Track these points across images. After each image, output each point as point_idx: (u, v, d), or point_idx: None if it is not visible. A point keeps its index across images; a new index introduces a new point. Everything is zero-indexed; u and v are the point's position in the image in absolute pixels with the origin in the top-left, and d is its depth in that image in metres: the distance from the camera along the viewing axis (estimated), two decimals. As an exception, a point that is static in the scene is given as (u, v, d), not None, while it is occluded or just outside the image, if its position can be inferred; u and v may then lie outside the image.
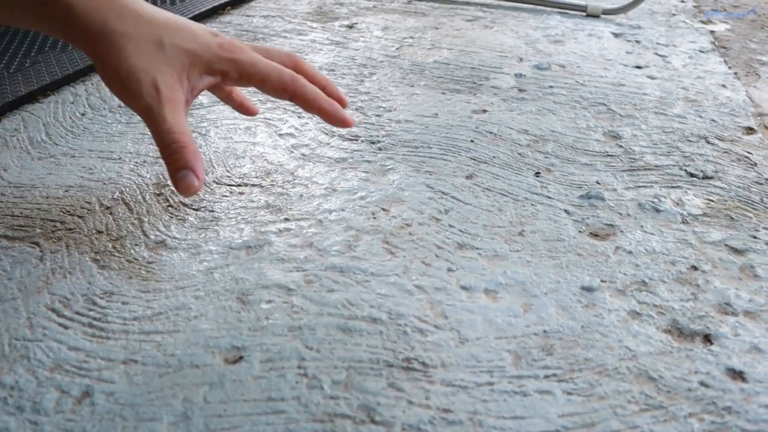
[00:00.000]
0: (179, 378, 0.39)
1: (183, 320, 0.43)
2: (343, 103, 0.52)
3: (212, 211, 0.54)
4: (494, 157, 0.64)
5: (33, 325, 0.43)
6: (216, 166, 0.61)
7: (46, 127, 0.68)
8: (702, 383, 0.40)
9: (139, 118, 0.69)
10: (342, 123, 0.49)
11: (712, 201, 0.58)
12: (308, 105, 0.48)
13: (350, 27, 0.99)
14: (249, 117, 0.70)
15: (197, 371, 0.39)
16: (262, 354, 0.41)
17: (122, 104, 0.72)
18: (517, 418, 0.37)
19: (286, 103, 0.73)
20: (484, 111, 0.73)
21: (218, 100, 0.74)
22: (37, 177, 0.59)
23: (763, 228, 0.55)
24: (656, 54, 0.92)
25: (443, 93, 0.77)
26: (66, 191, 0.57)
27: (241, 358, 0.40)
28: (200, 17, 0.99)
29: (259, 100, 0.74)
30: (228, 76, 0.47)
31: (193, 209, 0.54)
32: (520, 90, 0.78)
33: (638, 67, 0.87)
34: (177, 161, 0.43)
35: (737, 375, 0.41)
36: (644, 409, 0.38)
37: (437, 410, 0.37)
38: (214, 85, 0.48)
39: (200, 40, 0.46)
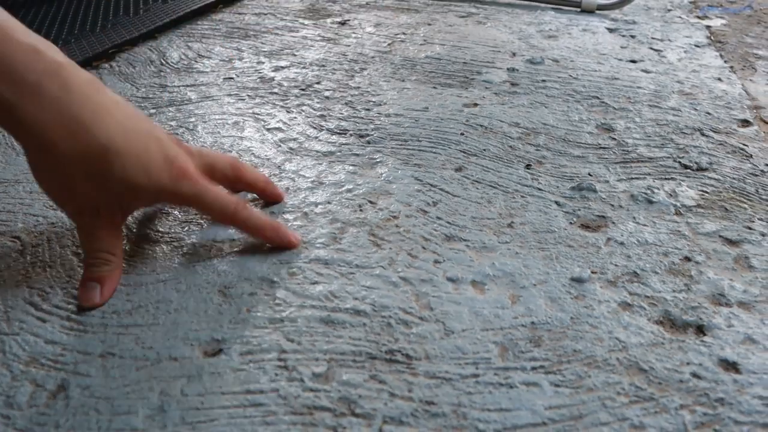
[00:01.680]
0: (157, 371, 0.38)
1: (163, 313, 0.42)
2: (280, 199, 0.54)
3: (197, 204, 0.53)
4: (484, 149, 0.63)
5: (10, 318, 0.42)
6: (202, 161, 0.60)
7: (33, 123, 0.67)
8: (694, 374, 0.39)
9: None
10: (288, 246, 0.48)
11: (706, 192, 0.57)
12: (252, 234, 0.49)
13: (342, 24, 0.98)
14: (238, 112, 0.69)
15: (175, 364, 0.38)
16: (242, 346, 0.40)
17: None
18: (503, 411, 0.36)
19: (274, 98, 0.73)
20: (476, 105, 0.72)
21: (207, 95, 0.73)
22: (21, 172, 0.58)
23: (758, 219, 0.54)
24: (651, 48, 0.92)
25: (434, 87, 0.76)
26: (50, 186, 0.56)
27: (220, 350, 0.39)
28: (193, 15, 0.99)
29: (248, 95, 0.73)
30: (173, 204, 0.51)
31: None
32: (513, 84, 0.78)
33: (633, 62, 0.86)
34: (93, 273, 0.44)
35: (731, 366, 0.40)
36: (634, 400, 0.37)
37: (420, 402, 0.36)
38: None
39: (153, 172, 0.43)
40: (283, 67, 0.81)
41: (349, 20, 1.00)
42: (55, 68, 0.40)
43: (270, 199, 0.53)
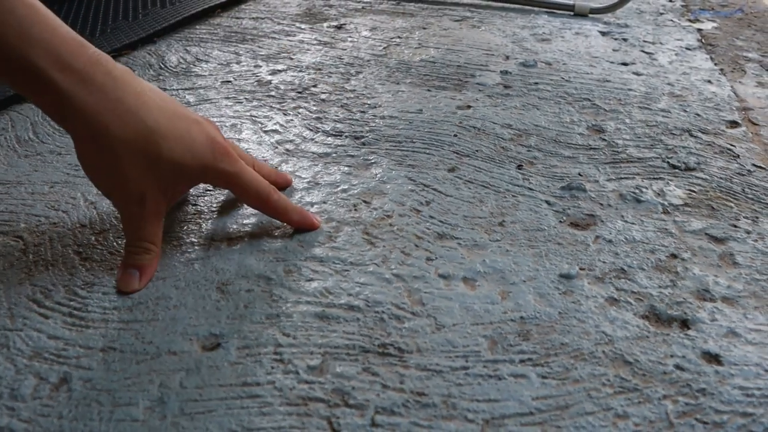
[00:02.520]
0: (156, 364, 0.39)
1: (162, 309, 0.43)
2: (289, 184, 0.58)
3: (195, 204, 0.55)
4: (477, 150, 0.64)
5: (14, 315, 0.43)
6: (201, 162, 0.61)
7: (34, 126, 0.68)
8: (677, 366, 0.40)
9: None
10: (311, 227, 0.52)
11: (693, 192, 0.59)
12: (280, 217, 0.51)
13: (339, 28, 1.00)
14: (236, 114, 0.70)
15: (174, 358, 0.40)
16: (239, 341, 0.41)
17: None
18: (491, 401, 0.37)
19: (271, 101, 0.74)
20: (469, 107, 0.73)
21: (205, 98, 0.75)
22: (23, 174, 0.59)
23: (743, 217, 0.55)
24: (643, 51, 0.93)
25: (428, 90, 0.77)
26: (51, 187, 0.57)
27: (218, 345, 0.41)
28: (191, 19, 1.00)
29: (246, 98, 0.75)
30: (215, 184, 0.51)
31: (176, 203, 0.55)
32: (506, 86, 0.79)
33: (624, 64, 0.88)
34: (134, 260, 0.46)
35: (713, 358, 0.41)
36: (619, 391, 0.38)
37: (411, 394, 0.38)
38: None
39: (197, 151, 0.46)
40: (280, 71, 0.82)
41: (345, 24, 1.02)
42: (97, 58, 0.43)
43: (281, 186, 0.57)
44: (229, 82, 0.79)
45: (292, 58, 0.87)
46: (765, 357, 0.41)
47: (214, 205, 0.55)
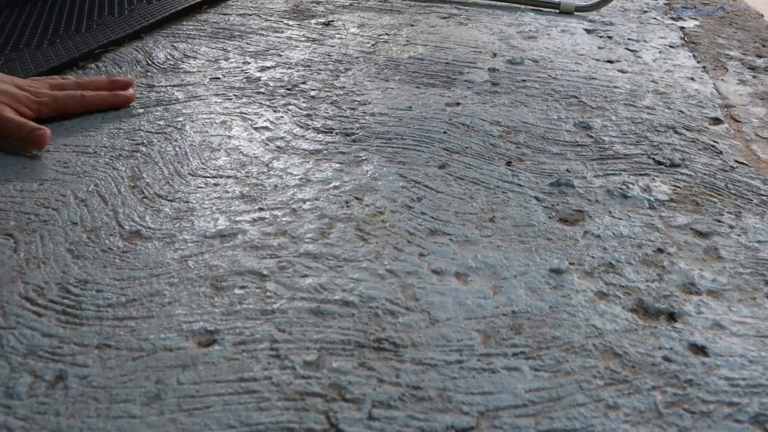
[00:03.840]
0: (152, 361, 0.39)
1: (157, 306, 0.44)
2: (130, 83, 0.74)
3: (187, 201, 0.55)
4: (467, 147, 0.65)
5: (6, 313, 0.43)
6: (191, 159, 0.61)
7: (21, 123, 0.67)
8: (665, 358, 0.41)
9: (114, 113, 0.70)
10: (125, 103, 0.71)
11: (678, 187, 0.60)
12: (101, 106, 0.70)
13: (327, 24, 1.00)
14: (225, 111, 0.70)
15: (170, 354, 0.40)
16: (234, 337, 0.41)
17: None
18: (485, 394, 0.38)
19: (260, 98, 0.74)
20: (458, 104, 0.74)
21: (194, 95, 0.74)
22: (12, 171, 0.59)
23: (727, 212, 0.56)
24: (627, 49, 0.94)
25: (417, 87, 0.78)
26: (41, 185, 0.57)
27: (214, 341, 0.41)
28: (178, 15, 0.99)
29: (235, 95, 0.75)
30: (41, 112, 0.66)
31: (168, 200, 0.55)
32: (494, 84, 0.80)
33: (609, 62, 0.89)
34: (26, 130, 0.61)
35: (699, 350, 0.42)
36: (609, 383, 0.39)
37: (407, 387, 0.38)
38: (33, 117, 0.65)
39: (15, 90, 0.65)
40: (269, 68, 0.82)
41: (333, 21, 1.02)
42: None
43: (122, 86, 0.73)
44: (218, 78, 0.79)
45: (280, 55, 0.87)
46: (749, 348, 0.42)
47: (206, 203, 0.55)
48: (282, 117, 0.70)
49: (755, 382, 0.40)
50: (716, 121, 0.73)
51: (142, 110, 0.71)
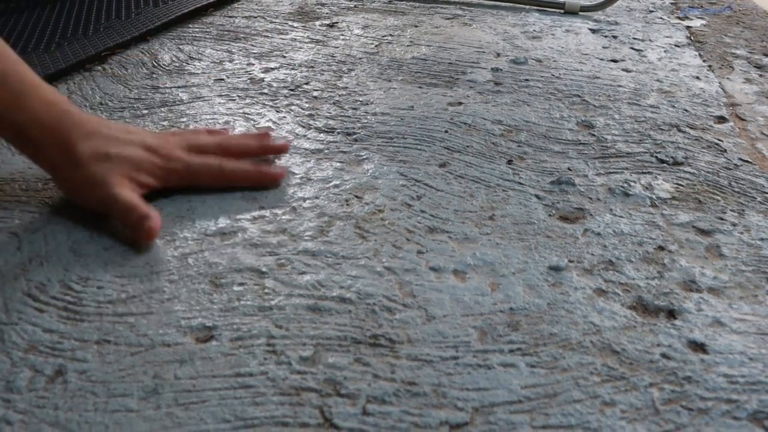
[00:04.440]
0: (151, 356, 0.40)
1: (156, 302, 0.44)
2: (284, 149, 0.62)
3: (189, 201, 0.55)
4: (468, 146, 0.65)
5: (9, 309, 0.43)
6: (194, 159, 0.62)
7: (27, 124, 0.68)
8: (664, 355, 0.41)
9: (119, 114, 0.70)
10: (272, 183, 0.57)
11: (681, 185, 0.60)
12: (242, 183, 0.57)
13: (331, 26, 1.00)
14: (228, 112, 0.71)
15: (168, 350, 0.40)
16: (232, 333, 0.41)
17: (102, 102, 0.73)
18: (481, 390, 0.38)
19: (264, 99, 0.74)
20: (460, 103, 0.74)
21: (198, 96, 0.75)
22: (17, 171, 0.60)
23: (730, 210, 0.56)
24: (632, 48, 0.94)
25: (420, 87, 0.78)
26: (45, 184, 0.57)
27: (212, 337, 0.41)
28: (184, 18, 1.00)
29: (238, 95, 0.75)
30: (169, 181, 0.55)
31: (169, 199, 0.55)
32: (497, 83, 0.80)
33: (614, 61, 0.89)
34: (133, 217, 0.50)
35: (698, 347, 0.42)
36: (606, 379, 0.39)
37: (402, 383, 0.38)
38: (159, 186, 0.55)
39: (141, 154, 0.53)
40: (272, 69, 0.83)
41: (337, 22, 1.02)
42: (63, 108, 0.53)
43: (274, 153, 0.61)
44: (222, 80, 0.80)
45: (284, 56, 0.87)
46: (749, 345, 0.42)
47: (208, 201, 0.55)
48: (284, 117, 0.70)
49: (754, 379, 0.39)
50: (721, 119, 0.73)
51: (146, 111, 0.71)
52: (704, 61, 0.91)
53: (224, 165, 0.56)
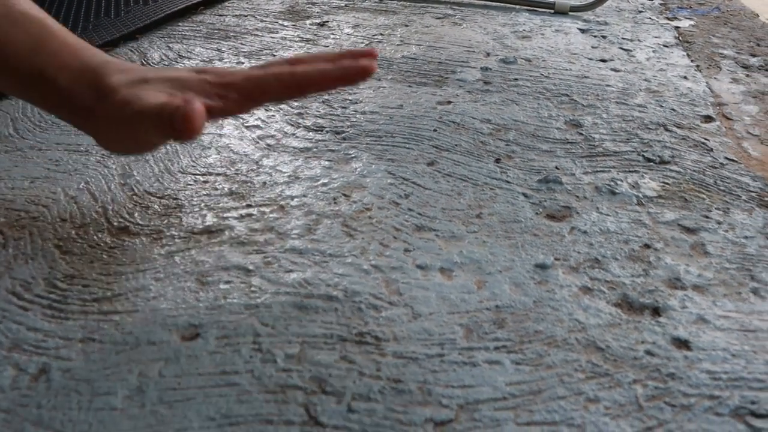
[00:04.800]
0: (135, 354, 0.40)
1: (142, 301, 0.44)
2: (372, 54, 0.45)
3: (176, 198, 0.55)
4: (456, 145, 0.65)
5: (-8, 308, 0.43)
6: (182, 157, 0.61)
7: (14, 122, 0.68)
8: (648, 352, 0.41)
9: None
10: (361, 76, 0.42)
11: (667, 184, 0.60)
12: (323, 85, 0.43)
13: (321, 25, 1.00)
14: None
15: (153, 348, 0.40)
16: (218, 331, 0.41)
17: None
18: (466, 387, 0.38)
19: (253, 97, 0.74)
20: (449, 102, 0.74)
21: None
22: (3, 169, 0.59)
23: (715, 208, 0.56)
24: (621, 48, 0.94)
25: (410, 86, 0.78)
26: (31, 182, 0.57)
27: (197, 335, 0.41)
28: (174, 16, 1.00)
29: (228, 94, 0.75)
30: (226, 99, 0.43)
31: (157, 197, 0.55)
32: (486, 82, 0.80)
33: (603, 61, 0.89)
34: (166, 114, 0.38)
35: (682, 344, 0.42)
36: (590, 376, 0.39)
37: (388, 380, 0.38)
38: (213, 106, 0.43)
39: (187, 74, 0.44)
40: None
41: (328, 21, 1.02)
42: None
43: (359, 56, 0.45)
44: (211, 78, 0.79)
45: (274, 55, 0.87)
46: (732, 342, 0.42)
47: (195, 199, 0.55)
48: (273, 115, 0.70)
49: (737, 375, 0.40)
50: (708, 118, 0.73)
51: (134, 109, 0.71)
52: (692, 61, 0.91)
53: (295, 67, 0.42)
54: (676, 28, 1.07)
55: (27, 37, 0.44)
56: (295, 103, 0.73)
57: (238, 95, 0.42)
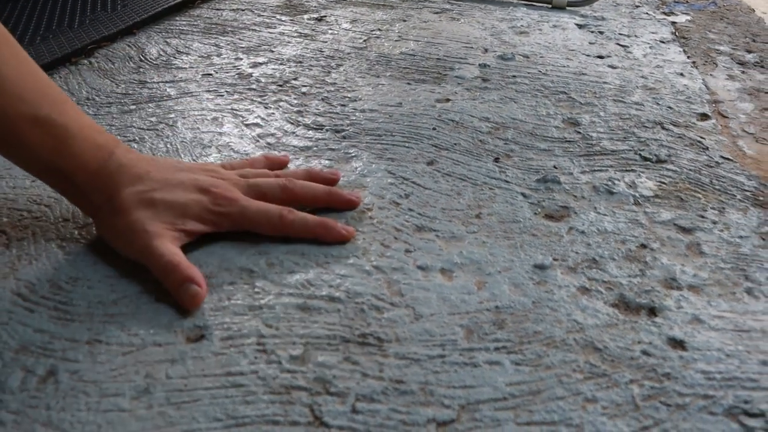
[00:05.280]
0: (142, 356, 0.40)
1: (147, 302, 0.44)
2: (351, 204, 0.55)
3: (178, 198, 0.55)
4: (455, 144, 0.65)
5: (-2, 309, 0.44)
6: (182, 156, 0.62)
7: (14, 119, 0.68)
8: (644, 352, 0.42)
9: (106, 109, 0.70)
10: (340, 239, 0.51)
11: (663, 183, 0.61)
12: (303, 236, 0.51)
13: (319, 20, 1.00)
14: (217, 108, 0.71)
15: (159, 349, 0.41)
16: (222, 332, 0.42)
17: (89, 97, 0.73)
18: (467, 387, 0.39)
19: (252, 95, 0.75)
20: (448, 100, 0.75)
21: (186, 91, 0.75)
22: (4, 168, 0.59)
23: (710, 208, 0.57)
24: (618, 44, 0.95)
25: (408, 83, 0.79)
26: (33, 181, 0.57)
27: (202, 336, 0.42)
28: (170, 11, 1.00)
29: (227, 91, 0.75)
30: (220, 225, 0.50)
31: (159, 197, 0.55)
32: (484, 80, 0.80)
33: (600, 57, 0.89)
34: (174, 279, 0.44)
35: (678, 344, 0.43)
36: (588, 377, 0.40)
37: (390, 381, 0.39)
38: (209, 231, 0.50)
39: (189, 197, 0.49)
40: (260, 64, 0.83)
41: (325, 16, 1.02)
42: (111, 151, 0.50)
43: (340, 206, 0.54)
44: (210, 74, 0.79)
45: (272, 51, 0.87)
46: (726, 342, 0.43)
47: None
48: (273, 113, 0.70)
49: (731, 375, 0.41)
50: (704, 116, 0.74)
51: (134, 107, 0.71)
52: (688, 57, 0.92)
53: (285, 216, 0.50)
54: (673, 23, 1.07)
55: (53, 141, 0.47)
56: (295, 101, 0.73)
57: (230, 224, 0.50)
